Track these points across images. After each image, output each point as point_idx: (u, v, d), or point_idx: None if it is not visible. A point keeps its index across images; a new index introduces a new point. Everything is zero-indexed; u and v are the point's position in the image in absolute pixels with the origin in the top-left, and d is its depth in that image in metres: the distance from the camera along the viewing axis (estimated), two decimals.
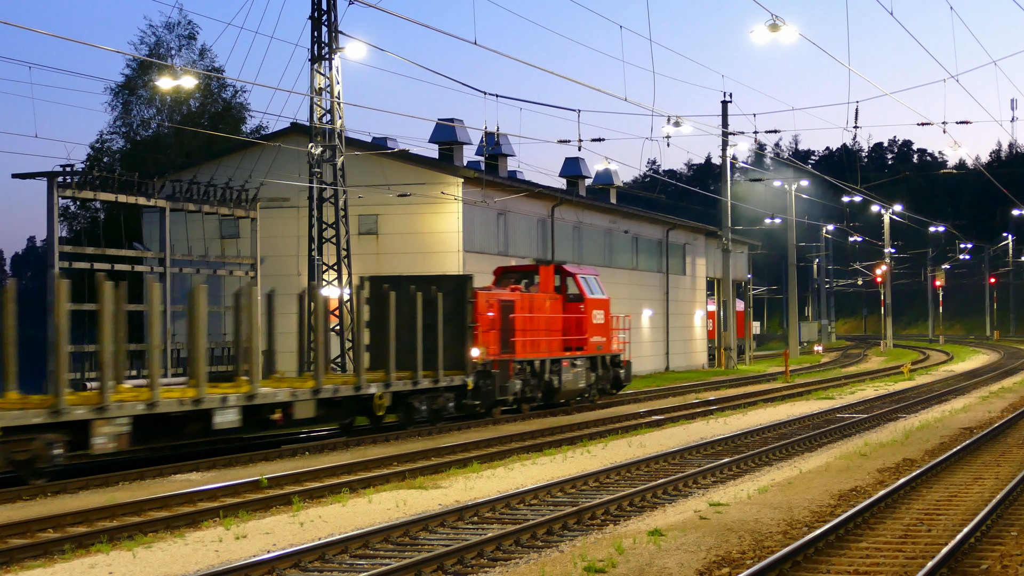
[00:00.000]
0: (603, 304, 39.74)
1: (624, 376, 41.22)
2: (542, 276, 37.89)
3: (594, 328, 38.85)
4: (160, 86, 53.64)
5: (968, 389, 46.56)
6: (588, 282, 39.05)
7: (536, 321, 36.20)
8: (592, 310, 38.75)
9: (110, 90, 66.02)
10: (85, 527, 17.10)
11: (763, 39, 33.15)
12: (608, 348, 40.14)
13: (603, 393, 40.32)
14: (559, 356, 36.85)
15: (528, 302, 35.99)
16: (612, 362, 40.54)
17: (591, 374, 38.73)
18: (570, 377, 37.15)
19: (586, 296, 38.49)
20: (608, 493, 19.70)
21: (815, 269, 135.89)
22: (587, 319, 38.44)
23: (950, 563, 13.59)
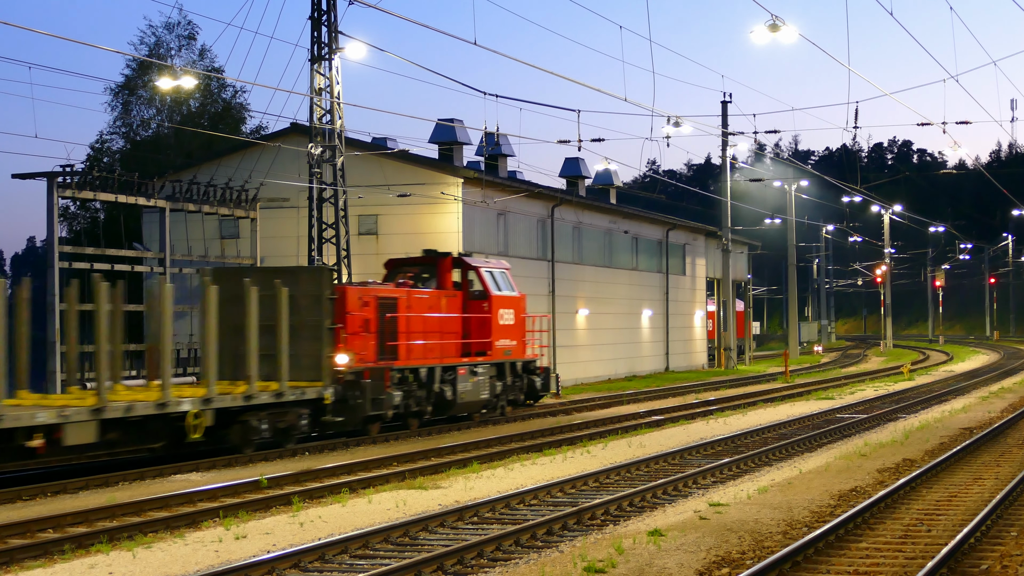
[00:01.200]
0: (514, 303, 35.15)
1: (541, 385, 36.57)
2: (439, 270, 33.66)
3: (502, 330, 34.32)
4: (160, 86, 53.63)
5: (968, 389, 46.57)
6: (495, 277, 34.40)
7: (426, 322, 31.75)
8: (499, 309, 34.17)
9: (110, 90, 66.04)
10: (85, 527, 17.10)
11: (763, 39, 33.15)
12: (520, 353, 35.44)
13: (515, 405, 35.71)
14: (454, 363, 32.31)
15: (416, 300, 31.58)
16: (526, 369, 35.89)
17: (497, 383, 34.22)
18: (469, 387, 32.64)
19: (491, 293, 33.88)
20: (608, 493, 19.70)
21: (815, 269, 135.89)
22: (492, 320, 33.90)
23: (950, 563, 13.59)
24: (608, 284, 59.33)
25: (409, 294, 31.40)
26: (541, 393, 36.84)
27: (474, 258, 34.90)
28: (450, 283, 33.61)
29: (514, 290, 35.40)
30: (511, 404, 35.45)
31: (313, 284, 27.81)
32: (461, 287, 33.88)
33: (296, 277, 27.79)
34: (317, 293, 27.72)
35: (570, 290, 55.02)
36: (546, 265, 53.06)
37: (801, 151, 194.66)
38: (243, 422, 25.26)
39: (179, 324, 44.21)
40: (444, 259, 33.71)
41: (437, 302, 32.59)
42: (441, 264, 33.65)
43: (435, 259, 33.81)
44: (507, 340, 34.61)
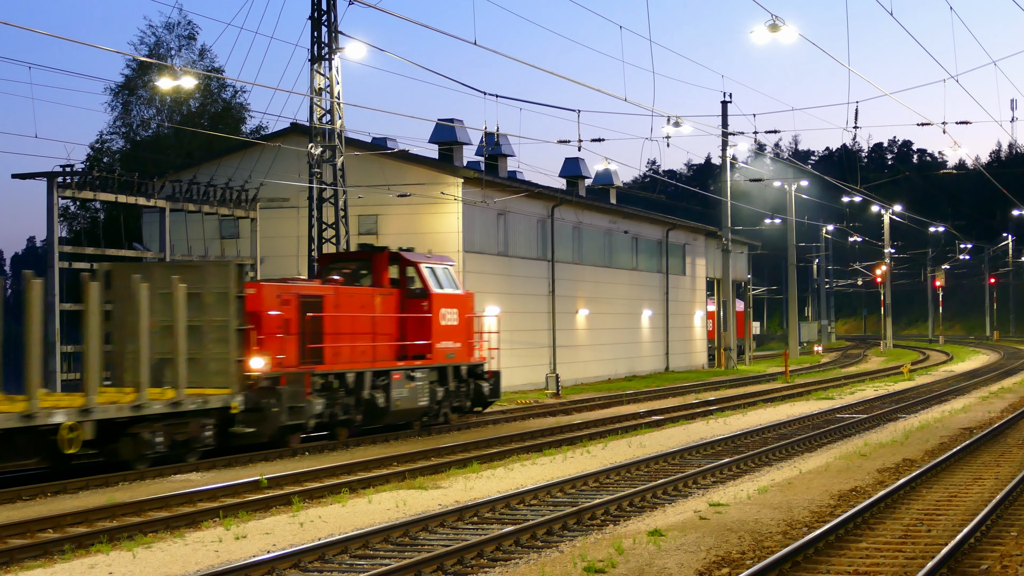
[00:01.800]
0: (458, 301, 32.47)
1: (490, 391, 33.69)
2: (375, 266, 31.23)
3: (444, 331, 31.62)
4: (160, 86, 53.69)
5: (968, 389, 46.57)
6: (436, 274, 31.73)
7: (357, 322, 29.32)
8: (440, 309, 31.46)
9: (110, 90, 66.12)
10: (85, 527, 17.10)
11: (763, 39, 33.15)
12: (465, 356, 32.63)
13: (459, 412, 32.98)
14: (388, 367, 29.69)
15: (346, 298, 29.10)
16: (472, 373, 33.13)
17: (438, 389, 31.49)
18: (405, 393, 29.97)
19: (431, 291, 31.19)
20: (608, 493, 19.70)
21: (815, 269, 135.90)
22: (433, 320, 31.15)
23: (950, 563, 13.59)
24: (608, 284, 59.33)
25: (337, 292, 28.89)
26: (490, 400, 33.92)
27: (414, 253, 32.07)
28: (387, 280, 31.17)
29: (458, 288, 32.75)
30: (456, 411, 32.67)
31: (220, 280, 25.18)
32: (399, 284, 31.27)
33: (202, 273, 25.39)
34: (225, 290, 25.06)
35: (570, 290, 55.03)
36: (546, 265, 53.06)
37: (801, 151, 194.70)
38: (133, 435, 22.62)
39: None
40: (380, 254, 31.33)
41: (370, 300, 30.05)
42: (377, 259, 31.23)
43: (370, 254, 31.51)
44: (450, 342, 31.85)
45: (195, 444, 24.07)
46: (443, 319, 31.60)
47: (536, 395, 45.87)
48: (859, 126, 42.34)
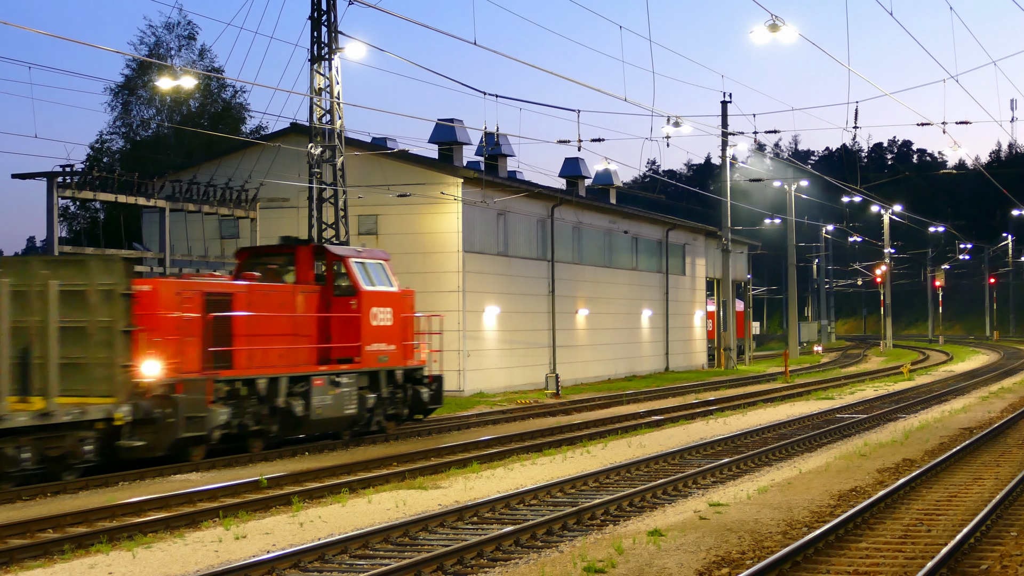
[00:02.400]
0: (393, 300, 29.80)
1: (430, 397, 31.18)
2: (298, 261, 28.96)
3: (375, 332, 29.03)
4: (160, 86, 53.67)
5: (968, 389, 46.57)
6: (367, 270, 29.18)
7: (273, 323, 26.69)
8: (371, 308, 28.87)
9: (110, 90, 66.15)
10: (85, 527, 17.11)
11: (763, 39, 33.16)
12: (401, 359, 30.03)
13: (395, 420, 30.32)
14: (308, 371, 27.06)
15: (260, 296, 26.50)
16: (410, 378, 30.62)
17: (369, 395, 28.82)
18: (328, 400, 27.33)
19: (361, 289, 28.62)
20: (608, 493, 19.71)
21: (815, 269, 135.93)
22: (362, 320, 28.58)
23: (950, 563, 13.60)
24: (608, 284, 59.33)
25: (251, 289, 26.34)
26: (431, 406, 31.41)
27: (342, 247, 29.82)
28: (311, 276, 28.86)
29: (393, 285, 30.00)
30: (391, 419, 30.05)
31: (106, 276, 22.41)
32: (325, 281, 28.90)
33: (86, 268, 22.55)
34: (110, 287, 22.38)
35: (570, 290, 55.03)
36: (546, 265, 53.07)
37: (801, 151, 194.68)
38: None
39: None
40: (303, 248, 29.08)
41: (290, 299, 27.57)
42: (300, 254, 28.91)
43: (293, 248, 29.17)
44: (382, 344, 29.26)
45: (71, 460, 21.53)
46: (374, 319, 29.01)
47: (536, 395, 45.87)
48: (859, 126, 42.35)
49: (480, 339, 47.41)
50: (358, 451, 27.00)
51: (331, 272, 28.92)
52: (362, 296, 28.68)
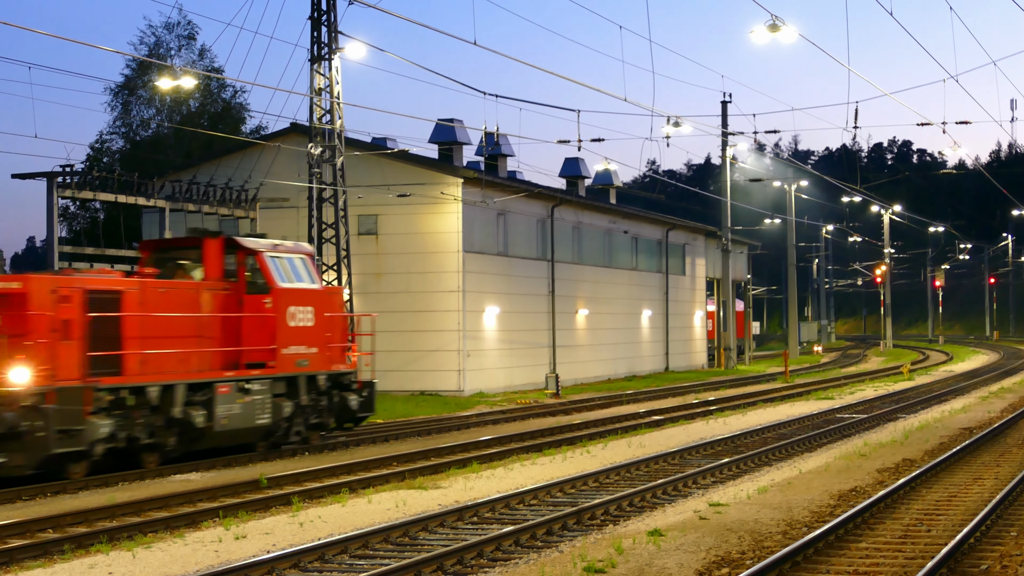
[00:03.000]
0: (315, 298, 27.13)
1: (360, 404, 28.45)
2: (206, 255, 25.93)
3: (293, 334, 26.39)
4: (160, 86, 53.65)
5: (968, 389, 46.57)
6: (284, 265, 26.54)
7: (172, 324, 24.06)
8: (288, 307, 26.23)
9: (110, 90, 66.11)
10: (85, 527, 17.11)
11: (763, 39, 33.18)
12: (324, 363, 27.32)
13: (319, 430, 27.69)
14: (211, 378, 24.38)
15: (155, 294, 23.92)
16: (337, 384, 28.00)
17: (285, 403, 26.09)
18: (236, 410, 24.65)
19: (275, 286, 25.94)
20: (608, 493, 19.71)
21: (815, 269, 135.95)
22: (277, 320, 25.94)
23: (950, 563, 13.59)
24: (608, 284, 59.34)
25: (144, 287, 23.79)
26: (360, 415, 28.72)
27: (256, 240, 26.86)
28: (220, 272, 25.97)
29: (315, 282, 27.44)
30: (314, 429, 27.46)
31: None
32: (236, 277, 26.11)
33: None
34: None
35: (570, 290, 55.04)
36: (546, 265, 53.07)
37: (801, 151, 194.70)
38: None
39: None
40: (212, 241, 26.03)
41: (192, 297, 24.97)
42: (208, 247, 25.93)
43: (199, 241, 26.13)
44: (302, 347, 26.63)
45: None
46: (292, 319, 26.37)
47: (536, 395, 45.88)
48: (859, 126, 42.37)
49: (480, 339, 47.43)
50: (358, 451, 27.00)
51: (243, 268, 26.07)
52: (277, 294, 25.95)
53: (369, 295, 46.01)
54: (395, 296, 46.44)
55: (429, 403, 41.66)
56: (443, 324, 46.21)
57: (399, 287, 46.50)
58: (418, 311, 46.33)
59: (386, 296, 46.45)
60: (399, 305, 46.32)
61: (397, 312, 46.29)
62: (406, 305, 46.32)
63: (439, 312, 46.24)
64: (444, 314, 46.22)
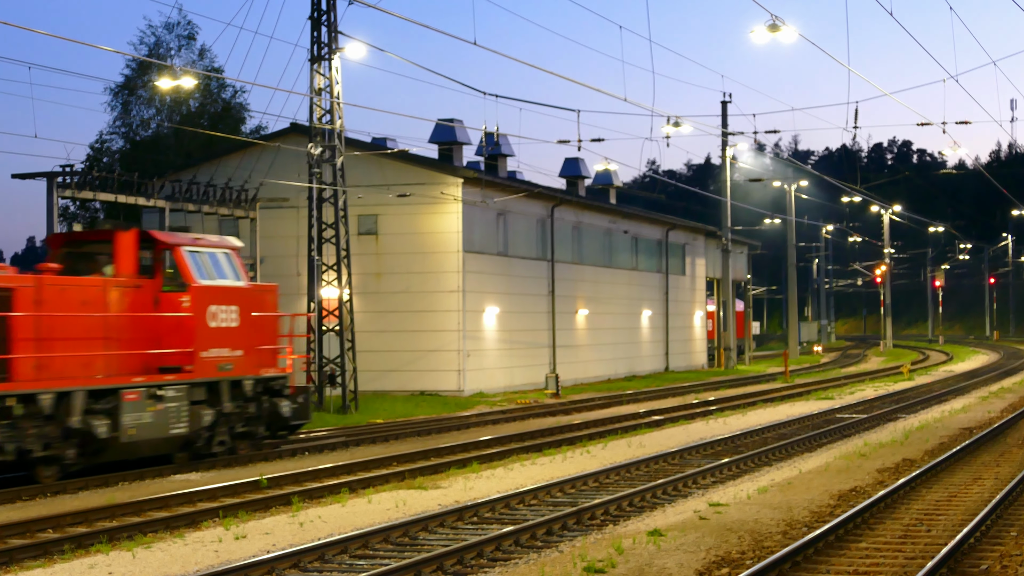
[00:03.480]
0: (241, 297, 25.16)
1: (293, 411, 26.33)
2: (118, 250, 23.85)
3: (215, 336, 24.40)
4: (160, 86, 53.66)
5: (968, 389, 46.58)
6: (204, 260, 24.54)
7: (72, 324, 22.18)
8: (208, 306, 24.28)
9: (110, 90, 66.07)
10: (85, 527, 17.11)
11: (763, 39, 33.19)
12: (251, 367, 25.30)
13: (248, 439, 25.61)
14: (118, 383, 22.34)
15: (55, 293, 21.99)
16: (268, 390, 25.95)
17: (206, 411, 24.07)
18: (146, 419, 22.68)
19: (194, 283, 24.02)
20: (608, 493, 19.71)
21: (815, 269, 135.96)
22: (196, 320, 23.95)
23: (950, 563, 13.59)
24: (608, 284, 59.34)
25: (40, 284, 21.82)
26: (295, 422, 26.69)
27: (173, 233, 25.04)
28: (134, 268, 23.94)
29: (241, 279, 25.37)
30: (243, 438, 25.46)
31: None
32: (153, 274, 24.20)
33: None
34: None
35: (570, 290, 55.04)
36: (546, 265, 53.07)
37: (801, 151, 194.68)
38: None
39: None
40: (124, 234, 24.01)
41: (98, 296, 22.94)
42: (120, 241, 23.89)
43: (111, 234, 24.02)
44: (225, 349, 24.60)
45: None
46: (213, 319, 24.39)
47: (536, 395, 45.89)
48: (859, 126, 42.37)
49: (480, 339, 47.43)
50: (358, 451, 26.99)
51: (159, 263, 24.17)
52: (195, 292, 24.00)
53: (369, 295, 46.03)
54: (395, 296, 46.46)
55: (429, 403, 41.66)
56: (443, 324, 46.21)
57: (399, 287, 46.51)
58: (418, 311, 46.34)
59: (386, 296, 46.46)
60: (399, 305, 46.33)
61: (397, 312, 46.31)
62: (406, 305, 46.33)
63: (439, 312, 46.24)
64: (444, 314, 46.22)
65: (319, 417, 36.00)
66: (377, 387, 44.79)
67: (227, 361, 24.73)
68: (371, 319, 45.40)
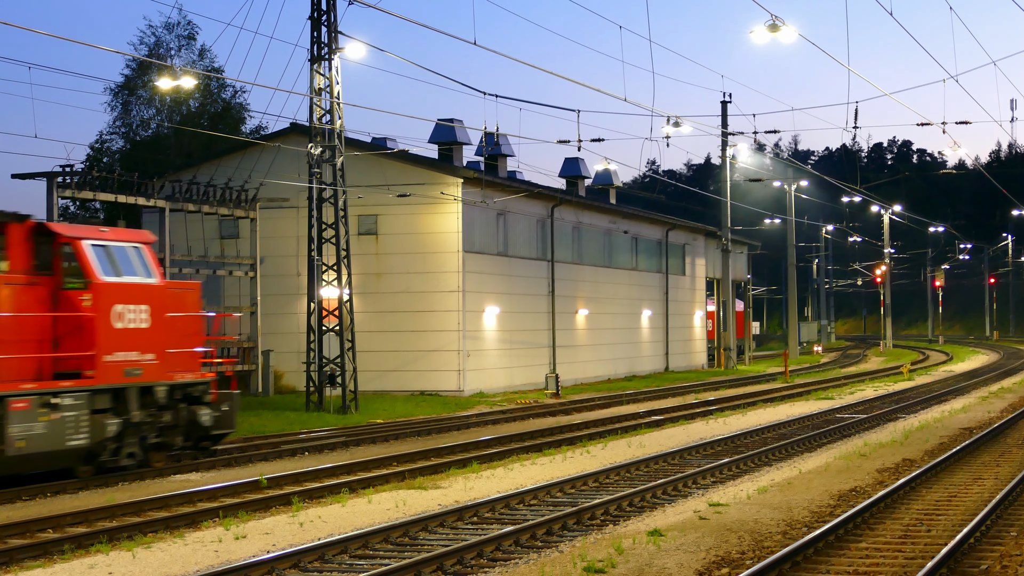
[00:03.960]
0: (151, 295, 22.95)
1: (217, 420, 24.22)
2: (9, 243, 21.57)
3: (121, 337, 22.21)
4: (160, 86, 53.66)
5: (968, 389, 46.58)
6: (111, 255, 22.39)
7: None
8: (114, 305, 22.10)
9: (110, 90, 66.13)
10: (85, 527, 17.12)
11: (763, 39, 33.16)
12: (164, 372, 23.20)
13: (164, 450, 23.56)
14: (6, 391, 20.30)
15: None
16: (186, 396, 23.90)
17: (111, 421, 21.90)
18: (39, 430, 20.61)
19: (97, 279, 21.85)
20: (608, 493, 19.71)
21: (815, 269, 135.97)
22: (98, 321, 21.79)
23: (950, 563, 13.59)
24: (608, 284, 59.35)
25: None
26: (217, 432, 24.45)
27: (75, 225, 22.95)
28: (29, 263, 21.77)
29: (153, 275, 23.15)
30: (158, 449, 23.37)
31: None
32: (51, 270, 21.97)
33: None
34: None
35: (570, 290, 55.04)
36: (546, 265, 53.07)
37: (801, 151, 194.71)
38: None
39: None
40: (16, 225, 21.70)
41: None
42: (11, 233, 21.62)
43: (2, 226, 21.55)
44: (133, 352, 22.48)
45: None
46: (119, 320, 22.22)
47: (536, 395, 45.89)
48: (859, 126, 42.32)
49: (480, 339, 47.43)
50: (358, 451, 27.00)
51: (58, 258, 21.95)
52: (98, 289, 21.85)
53: (369, 295, 46.03)
54: (395, 296, 46.46)
55: (429, 403, 41.67)
56: (443, 324, 46.21)
57: (399, 287, 46.51)
58: (418, 311, 46.34)
59: (386, 296, 46.47)
60: (399, 305, 46.34)
61: (397, 312, 46.33)
62: (406, 305, 46.34)
63: (439, 312, 46.24)
64: (444, 314, 46.22)
65: (319, 417, 36.03)
66: (377, 387, 44.79)
67: (135, 365, 22.61)
68: (371, 319, 45.41)
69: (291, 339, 45.80)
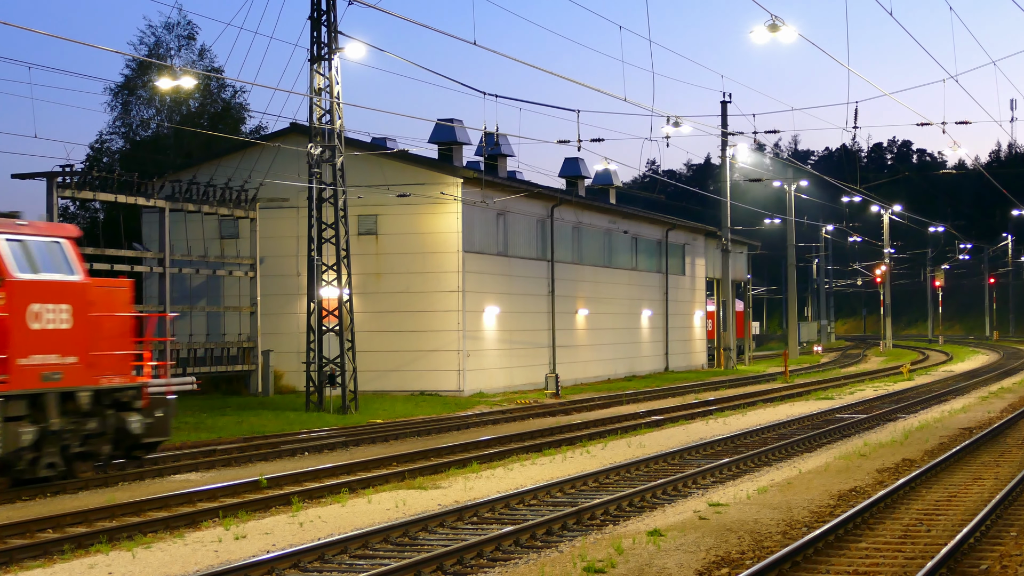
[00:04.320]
0: (73, 293, 21.32)
1: (148, 427, 22.59)
2: None
3: (37, 339, 20.61)
4: (159, 86, 53.64)
5: (967, 389, 46.58)
6: (24, 250, 20.76)
7: None
8: (30, 304, 20.53)
9: (109, 90, 66.13)
10: (84, 527, 17.12)
11: (763, 39, 33.16)
12: (89, 376, 21.61)
13: (91, 460, 22.10)
14: None
15: None
16: (114, 402, 22.26)
17: (26, 429, 20.40)
18: None
19: (9, 276, 20.29)
20: (607, 493, 19.71)
21: (814, 269, 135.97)
22: (12, 321, 20.26)
23: (949, 563, 13.60)
24: (608, 284, 59.34)
25: None
26: (148, 440, 22.82)
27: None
28: None
29: (75, 272, 21.51)
30: (83, 459, 21.91)
31: None
32: None
33: None
34: None
35: (570, 290, 55.04)
36: (545, 265, 53.07)
37: (801, 151, 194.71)
38: None
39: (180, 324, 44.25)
40: None
41: None
42: None
43: None
44: (52, 355, 20.88)
45: None
46: (36, 320, 20.63)
47: (536, 395, 45.89)
48: (859, 126, 42.35)
49: (480, 339, 47.43)
50: (358, 451, 27.00)
51: None
52: (12, 288, 20.28)
53: (369, 295, 46.03)
54: (395, 296, 46.45)
55: (429, 403, 41.67)
56: (443, 324, 46.21)
57: (399, 287, 46.51)
58: (418, 311, 46.34)
59: (386, 296, 46.46)
60: (399, 305, 46.34)
61: (397, 312, 46.32)
62: (406, 305, 46.33)
63: (439, 312, 46.24)
64: (444, 314, 46.22)
65: (319, 417, 36.03)
66: (377, 387, 44.79)
67: (55, 369, 20.97)
68: (371, 319, 45.41)
69: (291, 339, 45.82)
